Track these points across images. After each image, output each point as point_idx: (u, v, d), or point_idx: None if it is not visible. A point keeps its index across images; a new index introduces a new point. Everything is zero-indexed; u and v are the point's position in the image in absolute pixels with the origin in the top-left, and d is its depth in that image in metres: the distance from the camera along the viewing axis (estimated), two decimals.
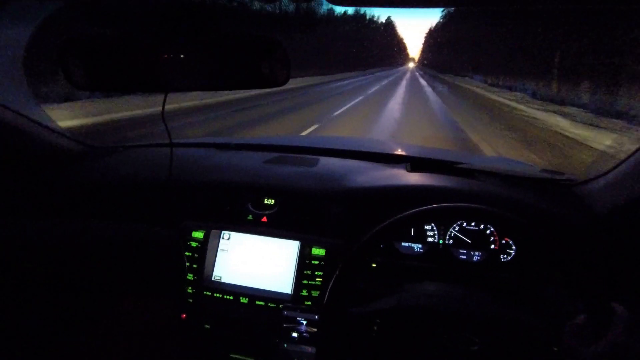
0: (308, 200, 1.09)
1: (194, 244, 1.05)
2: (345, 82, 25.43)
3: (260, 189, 1.12)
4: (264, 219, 1.08)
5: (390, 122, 9.07)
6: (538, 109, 12.30)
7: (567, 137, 7.60)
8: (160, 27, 0.62)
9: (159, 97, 0.72)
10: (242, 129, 7.42)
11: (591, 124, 9.15)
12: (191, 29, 0.60)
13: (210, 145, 1.48)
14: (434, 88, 21.67)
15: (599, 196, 0.99)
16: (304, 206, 1.08)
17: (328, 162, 1.27)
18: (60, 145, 1.28)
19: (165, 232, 1.08)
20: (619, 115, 10.06)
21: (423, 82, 28.49)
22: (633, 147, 0.88)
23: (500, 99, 16.13)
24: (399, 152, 1.44)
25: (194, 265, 1.04)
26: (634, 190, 0.85)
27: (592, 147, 6.31)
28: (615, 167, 0.93)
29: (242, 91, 11.37)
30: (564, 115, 10.82)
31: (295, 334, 0.89)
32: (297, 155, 1.35)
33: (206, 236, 1.06)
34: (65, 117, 7.37)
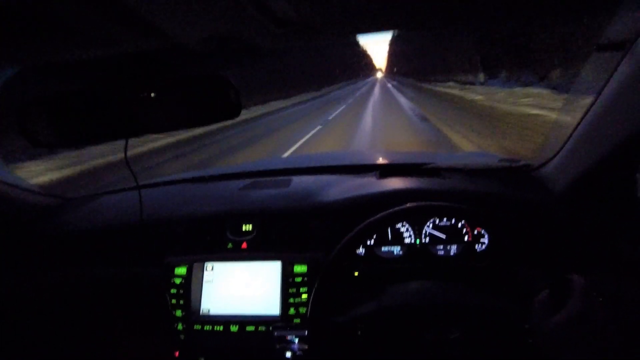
0: (285, 220, 1.12)
1: (177, 280, 1.06)
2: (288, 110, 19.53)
3: (237, 215, 1.14)
4: (244, 245, 1.10)
5: None
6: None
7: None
8: (119, 76, 0.65)
9: (118, 143, 0.75)
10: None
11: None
12: (146, 76, 0.64)
13: (184, 181, 1.49)
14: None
15: (554, 177, 1.06)
16: (282, 226, 1.11)
17: (301, 181, 1.31)
18: (33, 201, 1.27)
19: (148, 272, 1.08)
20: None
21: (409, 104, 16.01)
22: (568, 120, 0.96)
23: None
24: (369, 161, 1.49)
25: (181, 301, 1.04)
26: (581, 167, 0.92)
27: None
28: (562, 148, 1.00)
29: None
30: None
31: (288, 353, 0.90)
32: (271, 178, 1.38)
33: (189, 270, 1.07)
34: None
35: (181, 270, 1.07)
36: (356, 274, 1.07)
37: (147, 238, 1.16)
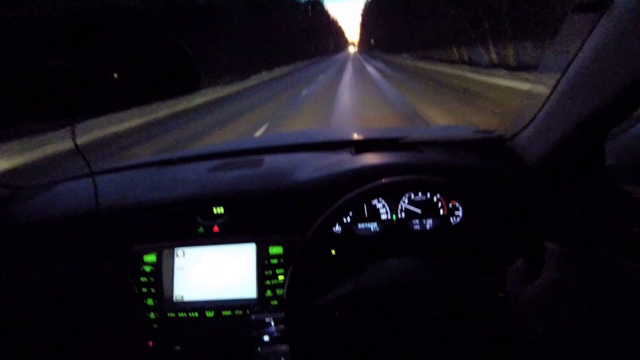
0: (258, 201, 1.07)
1: (147, 268, 1.01)
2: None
3: (207, 199, 1.09)
4: (216, 229, 1.05)
5: None
6: None
7: None
8: (56, 45, 0.57)
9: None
10: None
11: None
12: (89, 43, 0.56)
13: (148, 165, 1.41)
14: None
15: (526, 147, 1.06)
16: (255, 208, 1.07)
17: (273, 160, 1.26)
18: None
19: (112, 263, 1.02)
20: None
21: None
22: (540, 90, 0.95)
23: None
24: (343, 137, 1.46)
25: (152, 290, 1.00)
26: (553, 136, 0.92)
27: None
28: (534, 118, 1.00)
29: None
30: None
31: (266, 337, 0.89)
32: (242, 158, 1.32)
33: (159, 258, 1.02)
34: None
35: (150, 258, 1.01)
36: (333, 252, 1.05)
37: (108, 227, 1.09)
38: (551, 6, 11.40)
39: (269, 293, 0.97)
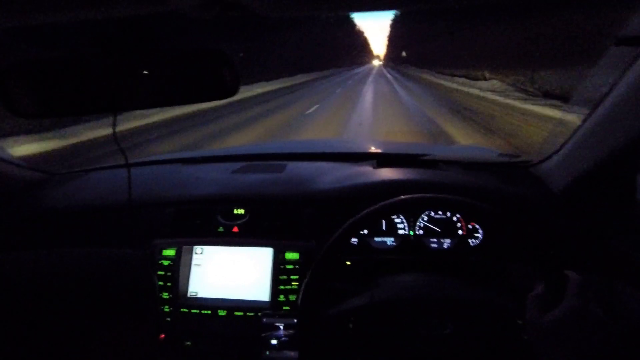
0: (278, 206, 1.09)
1: (165, 262, 1.03)
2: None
3: (228, 199, 1.11)
4: (235, 229, 1.07)
5: None
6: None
7: None
8: (106, 45, 0.60)
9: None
10: None
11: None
12: (137, 46, 0.59)
13: (175, 161, 1.45)
14: None
15: (553, 174, 1.04)
16: (275, 212, 1.08)
17: (296, 167, 1.28)
18: (15, 175, 1.22)
19: (134, 253, 1.05)
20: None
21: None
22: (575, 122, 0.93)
23: None
24: (365, 150, 1.47)
25: (168, 284, 1.02)
26: (582, 165, 0.91)
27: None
28: (564, 145, 0.99)
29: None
30: None
31: (275, 341, 0.89)
32: (265, 162, 1.35)
33: (178, 253, 1.04)
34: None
35: (170, 252, 1.04)
36: (348, 263, 1.05)
37: (135, 218, 1.12)
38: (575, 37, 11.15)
39: (282, 298, 0.97)
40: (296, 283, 0.97)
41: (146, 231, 1.10)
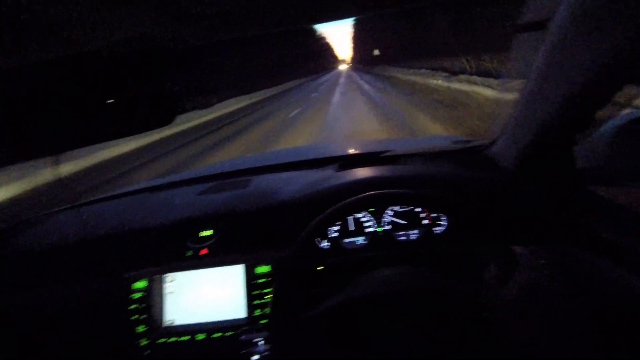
0: (245, 221, 1.10)
1: (137, 295, 1.02)
2: None
3: (195, 222, 1.11)
4: (205, 251, 1.07)
5: None
6: None
7: None
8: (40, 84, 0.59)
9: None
10: None
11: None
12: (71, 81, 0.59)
13: (138, 192, 1.44)
14: None
15: (503, 154, 1.09)
16: (243, 228, 1.09)
17: (261, 180, 1.29)
18: None
19: (105, 290, 1.03)
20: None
21: None
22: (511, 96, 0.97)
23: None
24: (328, 154, 1.49)
25: (143, 316, 1.01)
26: (523, 143, 0.95)
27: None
28: (506, 126, 1.04)
29: None
30: None
31: (255, 356, 0.89)
32: (230, 180, 1.35)
33: (150, 284, 1.03)
34: None
35: (140, 285, 1.03)
36: (320, 268, 1.07)
37: (99, 254, 1.11)
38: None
39: (257, 312, 0.98)
40: (269, 296, 0.98)
41: (116, 265, 1.08)
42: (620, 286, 0.74)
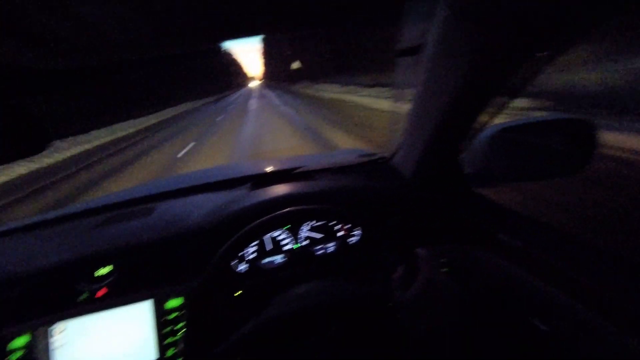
0: (149, 253, 1.00)
1: (18, 354, 0.85)
2: None
3: (90, 259, 0.97)
4: (104, 291, 0.94)
5: None
6: None
7: None
8: None
9: None
10: None
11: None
12: None
13: (17, 231, 1.22)
14: None
15: (403, 164, 1.20)
16: (148, 260, 0.99)
17: (166, 207, 1.20)
18: None
19: None
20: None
21: None
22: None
23: None
24: (240, 174, 1.46)
25: None
26: (417, 153, 1.06)
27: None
28: (402, 139, 1.14)
29: None
30: None
31: None
32: (130, 209, 1.23)
33: (34, 338, 0.87)
34: None
35: (20, 342, 0.86)
36: (237, 294, 1.02)
37: None
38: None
39: (170, 352, 0.89)
40: (183, 331, 0.90)
41: None
42: (502, 275, 0.86)
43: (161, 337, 0.90)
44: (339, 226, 1.14)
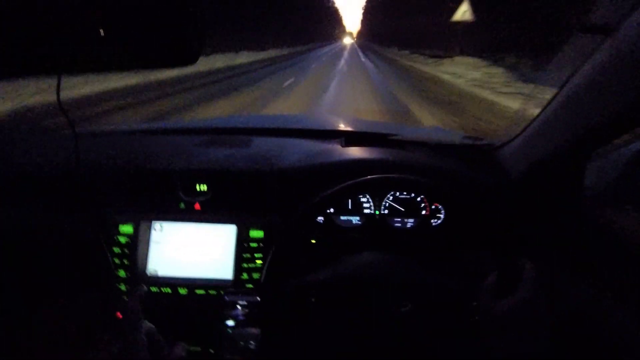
0: (242, 182, 1.06)
1: (123, 239, 0.98)
2: None
3: (191, 174, 1.06)
4: (197, 206, 1.03)
5: None
6: None
7: None
8: None
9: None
10: None
11: None
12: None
13: (131, 132, 1.37)
14: None
15: (512, 159, 1.08)
16: (239, 189, 1.05)
17: (262, 142, 1.24)
18: None
19: (86, 226, 0.99)
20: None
21: None
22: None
23: None
24: (334, 127, 1.45)
25: (125, 261, 0.98)
26: (538, 151, 0.94)
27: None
28: (524, 130, 1.02)
29: None
30: None
31: (238, 318, 0.89)
32: (229, 136, 1.30)
33: (136, 229, 0.99)
34: None
35: (126, 229, 0.99)
36: (313, 241, 1.05)
37: (85, 188, 1.05)
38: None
39: (245, 276, 0.96)
40: (260, 261, 0.96)
41: (97, 201, 1.03)
42: (596, 312, 0.75)
43: (238, 260, 0.97)
44: (424, 204, 1.10)
